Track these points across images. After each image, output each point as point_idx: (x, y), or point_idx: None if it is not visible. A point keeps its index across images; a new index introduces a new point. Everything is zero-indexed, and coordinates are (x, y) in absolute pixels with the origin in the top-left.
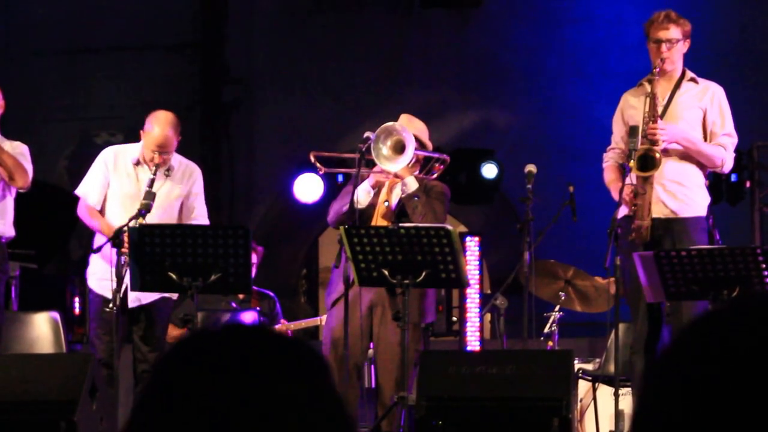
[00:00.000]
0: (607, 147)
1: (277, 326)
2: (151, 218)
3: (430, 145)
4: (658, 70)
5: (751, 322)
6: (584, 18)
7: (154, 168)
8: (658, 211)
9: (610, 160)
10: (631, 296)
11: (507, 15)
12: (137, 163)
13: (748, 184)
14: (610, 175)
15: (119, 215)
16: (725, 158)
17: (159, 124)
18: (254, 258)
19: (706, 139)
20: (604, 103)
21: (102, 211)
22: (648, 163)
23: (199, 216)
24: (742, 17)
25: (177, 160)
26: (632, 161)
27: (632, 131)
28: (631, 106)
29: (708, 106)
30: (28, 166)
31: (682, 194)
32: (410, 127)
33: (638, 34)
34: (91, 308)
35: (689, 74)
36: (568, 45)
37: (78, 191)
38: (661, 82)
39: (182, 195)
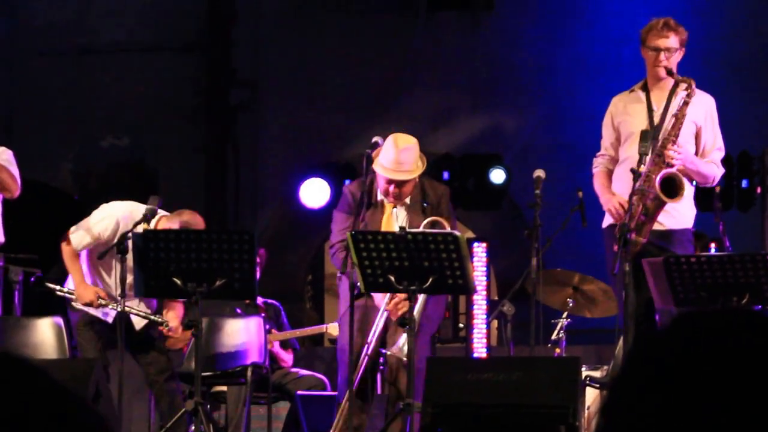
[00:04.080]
0: (597, 153)
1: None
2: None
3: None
4: (664, 75)
5: (703, 340)
6: (596, 22)
7: None
8: (656, 225)
9: (599, 165)
10: (635, 299)
11: (517, 19)
12: None
13: (758, 191)
14: (599, 181)
15: (113, 285)
16: (716, 175)
17: (195, 221)
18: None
19: (697, 152)
20: None
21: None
22: (673, 187)
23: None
24: (756, 23)
25: None
26: (642, 166)
27: (644, 136)
28: (626, 113)
29: (702, 123)
30: (15, 172)
31: (669, 207)
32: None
33: None
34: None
35: (683, 82)
36: (580, 49)
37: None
38: (655, 91)
39: None
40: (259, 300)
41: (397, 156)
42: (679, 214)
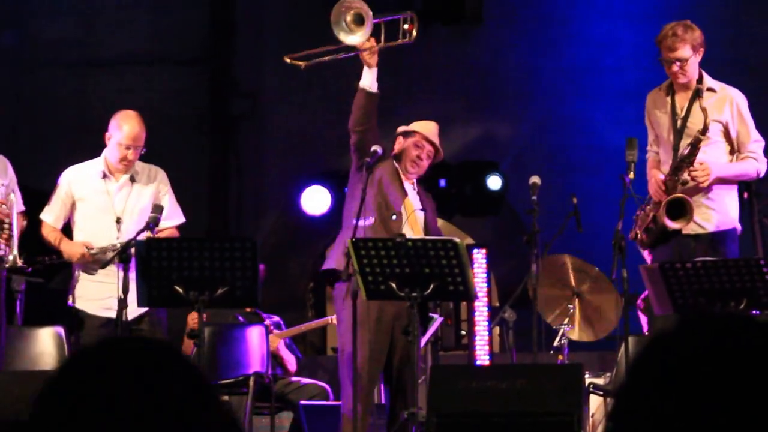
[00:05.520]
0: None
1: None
2: (126, 228)
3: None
4: (683, 82)
5: (703, 345)
6: (578, 34)
7: (125, 176)
8: (690, 228)
9: (650, 156)
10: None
11: (505, 32)
12: (104, 176)
13: (746, 195)
14: (648, 166)
15: (95, 233)
16: (759, 168)
17: (131, 120)
18: None
19: (733, 150)
20: (601, 117)
21: (70, 232)
22: (681, 209)
23: (171, 215)
24: (746, 28)
25: (140, 165)
26: (631, 174)
27: (630, 144)
28: (655, 117)
29: (729, 119)
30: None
31: (709, 211)
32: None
33: (631, 50)
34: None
35: (706, 82)
36: (565, 60)
37: (41, 215)
38: (680, 93)
39: (152, 199)
40: (262, 315)
41: (435, 128)
42: (721, 215)
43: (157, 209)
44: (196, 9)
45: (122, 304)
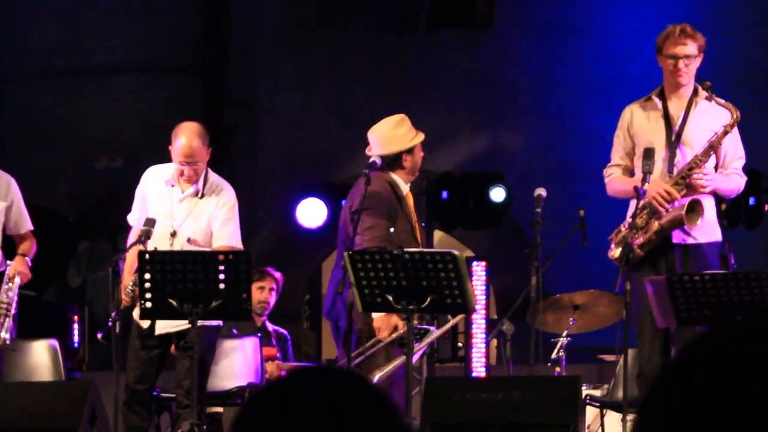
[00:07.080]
0: (607, 164)
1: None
2: (179, 244)
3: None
4: (685, 83)
5: (733, 350)
6: (598, 39)
7: (188, 190)
8: (677, 238)
9: (614, 172)
10: (640, 319)
11: (518, 35)
12: (171, 185)
13: (766, 208)
14: (623, 181)
15: (151, 240)
16: (741, 185)
17: (184, 134)
18: (272, 285)
19: (717, 163)
20: (615, 127)
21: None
22: (694, 211)
23: (222, 237)
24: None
25: (211, 180)
26: (646, 184)
27: (647, 153)
28: (641, 123)
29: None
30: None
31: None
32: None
33: (652, 55)
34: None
35: (702, 91)
36: (581, 66)
37: (128, 217)
38: (673, 99)
39: (208, 220)
40: (270, 327)
41: None
42: (708, 228)
43: (149, 222)
44: (187, 15)
45: (115, 318)
